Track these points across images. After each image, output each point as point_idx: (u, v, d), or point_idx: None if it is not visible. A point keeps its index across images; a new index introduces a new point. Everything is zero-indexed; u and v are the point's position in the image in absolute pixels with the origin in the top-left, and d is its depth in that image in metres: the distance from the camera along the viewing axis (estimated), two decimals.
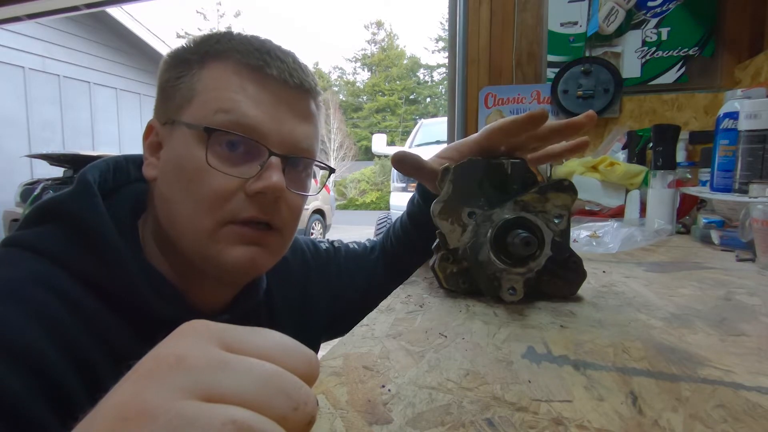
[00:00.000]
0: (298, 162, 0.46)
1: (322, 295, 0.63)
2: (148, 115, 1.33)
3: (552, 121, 0.44)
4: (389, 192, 5.68)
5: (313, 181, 0.52)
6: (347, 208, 15.66)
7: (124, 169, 0.48)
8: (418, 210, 0.60)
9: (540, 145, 0.47)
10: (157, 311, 0.40)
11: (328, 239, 0.71)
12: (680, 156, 1.20)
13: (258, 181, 0.41)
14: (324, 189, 6.51)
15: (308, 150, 0.46)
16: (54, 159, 4.50)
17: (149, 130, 0.46)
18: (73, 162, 4.42)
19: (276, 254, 0.46)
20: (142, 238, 0.45)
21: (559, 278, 0.41)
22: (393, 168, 0.59)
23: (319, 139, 0.50)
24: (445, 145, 0.56)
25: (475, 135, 0.48)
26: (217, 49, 0.43)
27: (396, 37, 27.00)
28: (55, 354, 0.33)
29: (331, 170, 0.54)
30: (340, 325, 0.65)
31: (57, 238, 0.39)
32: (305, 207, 0.50)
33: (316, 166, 0.50)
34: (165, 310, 0.41)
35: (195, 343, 0.17)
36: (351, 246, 0.70)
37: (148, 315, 0.40)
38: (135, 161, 0.49)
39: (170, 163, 0.43)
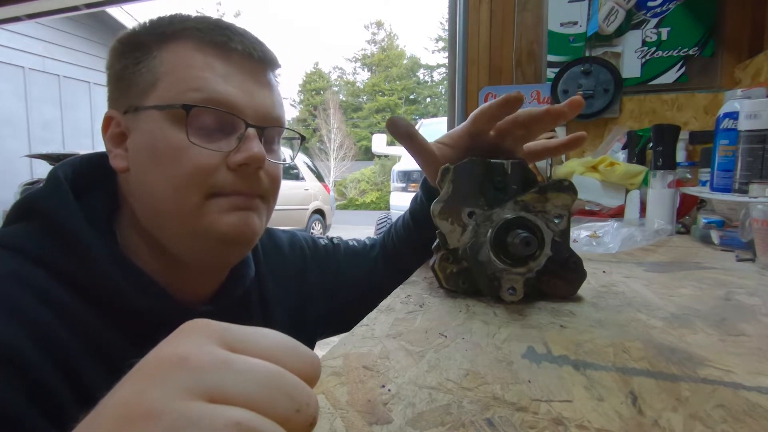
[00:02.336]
0: (273, 132, 0.47)
1: (319, 291, 0.63)
2: None
3: (533, 108, 0.46)
4: (389, 192, 5.68)
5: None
6: (347, 208, 15.66)
7: (99, 165, 0.47)
8: (420, 209, 0.60)
9: (525, 133, 0.48)
10: (135, 304, 0.40)
11: (327, 236, 0.71)
12: (680, 156, 1.20)
13: (239, 154, 0.42)
14: (324, 189, 6.52)
15: (278, 119, 0.47)
16: (54, 159, 4.50)
17: (108, 121, 0.45)
18: None
19: (263, 218, 0.47)
20: (121, 232, 0.45)
21: (559, 278, 0.41)
22: (393, 169, 0.59)
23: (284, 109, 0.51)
24: None
25: (464, 122, 0.49)
26: (174, 29, 0.43)
27: (396, 37, 26.99)
28: (35, 352, 0.33)
29: (303, 138, 0.54)
30: (337, 323, 0.65)
31: (30, 236, 0.39)
32: (305, 207, 0.50)
33: (287, 134, 0.51)
34: (143, 302, 0.41)
35: (197, 343, 0.17)
36: (351, 243, 0.70)
37: (128, 309, 0.40)
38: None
39: (143, 149, 0.42)
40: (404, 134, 0.48)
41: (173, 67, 0.42)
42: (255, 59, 0.44)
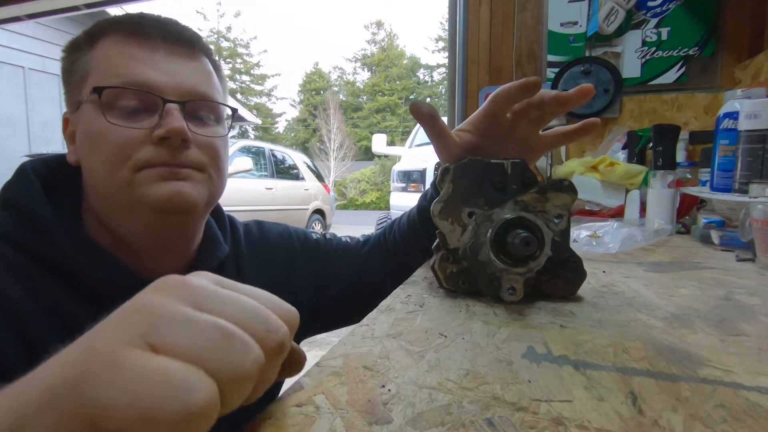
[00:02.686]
0: (197, 106, 0.48)
1: (306, 283, 0.63)
2: None
3: (544, 90, 0.47)
4: (389, 192, 5.68)
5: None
6: (347, 208, 15.66)
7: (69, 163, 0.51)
8: (429, 205, 0.60)
9: (540, 115, 0.49)
10: (92, 275, 0.43)
11: (321, 231, 0.71)
12: (680, 156, 1.20)
13: (160, 128, 0.44)
14: (324, 189, 6.52)
15: (207, 95, 0.48)
16: None
17: (65, 123, 0.49)
18: None
19: (204, 187, 0.48)
20: (87, 223, 0.48)
21: (559, 278, 0.41)
22: (393, 169, 0.59)
23: (224, 89, 0.53)
24: None
25: (483, 105, 0.50)
26: (99, 28, 0.47)
27: (396, 37, 26.98)
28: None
29: (234, 110, 0.55)
30: (325, 318, 0.65)
31: (4, 221, 0.43)
32: (305, 207, 0.51)
33: (218, 106, 0.51)
34: (98, 272, 0.44)
35: (190, 277, 0.21)
36: (344, 239, 0.70)
37: (89, 281, 0.43)
38: None
39: (82, 140, 0.46)
40: (427, 116, 0.48)
41: (99, 62, 0.45)
42: (172, 41, 0.47)
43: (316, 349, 2.83)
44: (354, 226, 9.12)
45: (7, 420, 0.18)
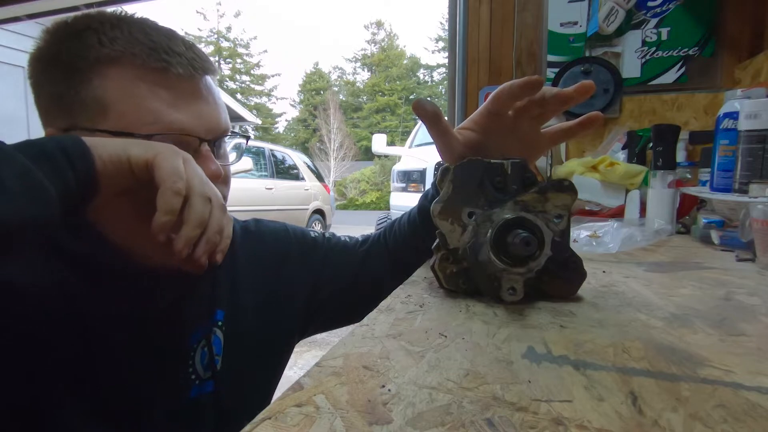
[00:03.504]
0: (222, 140, 0.52)
1: (301, 281, 0.63)
2: None
3: (546, 87, 0.47)
4: (389, 192, 5.68)
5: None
6: (347, 208, 15.65)
7: None
8: (429, 205, 0.60)
9: (542, 111, 0.49)
10: (76, 249, 0.46)
11: (321, 230, 0.71)
12: (680, 156, 1.20)
13: None
14: (324, 189, 6.52)
15: (226, 128, 0.51)
16: None
17: None
18: None
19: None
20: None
21: (559, 278, 0.41)
22: (393, 169, 0.60)
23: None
24: None
25: (484, 103, 0.50)
26: (108, 54, 0.44)
27: (396, 37, 26.98)
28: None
29: (247, 138, 0.61)
30: (323, 318, 0.65)
31: None
32: (305, 207, 0.53)
33: (234, 134, 0.55)
34: (79, 246, 0.46)
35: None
36: (342, 238, 0.70)
37: (93, 265, 0.46)
38: None
39: None
40: (431, 115, 0.48)
41: (120, 97, 0.44)
42: (197, 76, 0.48)
43: (316, 349, 2.83)
44: (354, 226, 9.11)
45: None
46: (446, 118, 0.53)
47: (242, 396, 0.56)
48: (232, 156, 0.56)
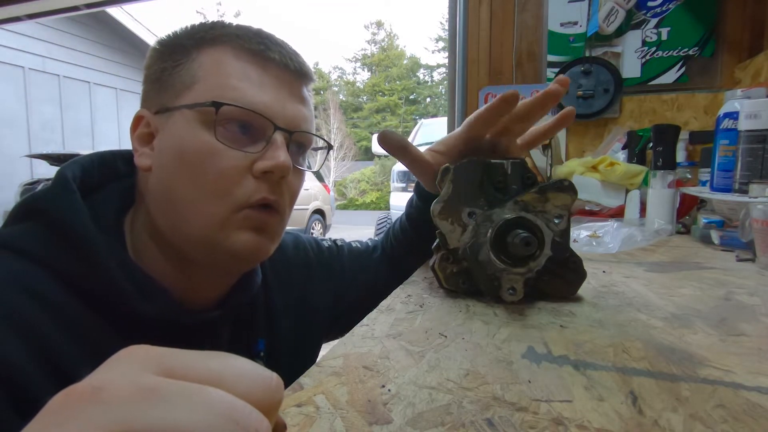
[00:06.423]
0: (301, 140, 0.47)
1: (324, 294, 0.63)
2: None
3: (525, 99, 0.45)
4: (389, 192, 5.68)
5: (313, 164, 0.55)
6: (347, 208, 15.65)
7: (112, 164, 0.47)
8: (416, 212, 0.60)
9: (525, 125, 0.48)
10: (138, 309, 0.39)
11: (330, 238, 0.71)
12: (680, 156, 1.20)
13: (265, 161, 0.42)
14: (324, 189, 6.52)
15: (310, 129, 0.47)
16: (54, 159, 4.49)
17: (138, 121, 0.45)
18: None
19: (276, 239, 0.47)
20: (130, 233, 0.44)
21: (559, 278, 0.41)
22: (393, 169, 0.60)
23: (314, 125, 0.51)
24: None
25: (459, 128, 0.49)
26: (213, 35, 0.43)
27: (396, 37, 26.99)
28: (27, 363, 0.32)
29: (330, 146, 0.55)
30: (342, 324, 0.65)
31: (34, 236, 0.38)
32: (305, 207, 0.51)
33: (315, 148, 0.52)
34: (149, 308, 0.40)
35: (124, 371, 0.14)
36: (354, 245, 0.70)
37: (131, 314, 0.39)
38: (124, 156, 0.48)
39: (170, 149, 0.42)
40: (397, 147, 0.48)
41: (210, 72, 0.42)
42: (291, 70, 0.45)
43: None
44: (354, 226, 9.11)
45: None
46: (446, 118, 0.53)
47: None
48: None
